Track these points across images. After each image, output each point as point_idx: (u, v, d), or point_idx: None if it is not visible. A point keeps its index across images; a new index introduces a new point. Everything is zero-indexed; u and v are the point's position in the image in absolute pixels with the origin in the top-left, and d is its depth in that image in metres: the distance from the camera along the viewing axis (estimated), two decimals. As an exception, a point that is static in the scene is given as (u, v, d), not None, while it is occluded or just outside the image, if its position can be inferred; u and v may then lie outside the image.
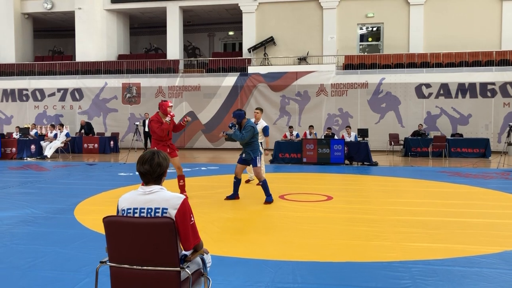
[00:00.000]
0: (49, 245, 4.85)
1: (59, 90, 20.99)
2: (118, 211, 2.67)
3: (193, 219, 2.62)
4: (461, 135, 17.32)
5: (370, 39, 21.50)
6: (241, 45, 22.52)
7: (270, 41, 20.70)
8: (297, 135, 15.06)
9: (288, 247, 4.84)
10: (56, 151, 16.01)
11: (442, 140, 15.84)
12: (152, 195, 2.60)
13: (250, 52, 20.81)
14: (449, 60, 18.78)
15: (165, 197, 2.59)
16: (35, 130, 17.23)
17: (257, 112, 9.20)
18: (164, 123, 7.34)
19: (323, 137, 14.56)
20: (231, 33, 25.51)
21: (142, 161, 2.65)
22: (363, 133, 14.87)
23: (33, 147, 15.77)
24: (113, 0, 22.33)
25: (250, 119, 7.74)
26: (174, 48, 22.03)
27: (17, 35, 23.12)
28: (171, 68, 21.02)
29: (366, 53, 20.71)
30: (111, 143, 18.31)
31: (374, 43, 21.28)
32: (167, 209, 2.54)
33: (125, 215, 2.59)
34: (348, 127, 15.08)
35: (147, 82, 20.35)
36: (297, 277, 3.90)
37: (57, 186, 9.15)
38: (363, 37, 21.39)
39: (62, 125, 16.66)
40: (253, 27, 21.10)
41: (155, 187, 2.63)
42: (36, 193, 8.24)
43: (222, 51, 25.22)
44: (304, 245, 4.93)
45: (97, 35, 22.21)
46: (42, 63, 22.34)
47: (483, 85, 17.82)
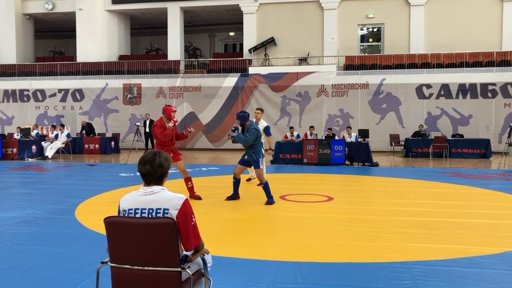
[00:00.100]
0: (50, 246, 4.86)
1: (60, 90, 21.01)
2: (119, 211, 2.68)
3: (194, 219, 2.63)
4: (461, 135, 17.30)
5: (370, 39, 21.51)
6: (241, 45, 22.54)
7: (271, 41, 20.71)
8: (297, 136, 15.06)
9: (288, 248, 4.84)
10: (57, 151, 16.02)
11: (443, 141, 15.82)
12: (153, 195, 2.60)
13: (250, 52, 20.81)
14: (450, 61, 18.78)
15: (166, 198, 2.59)
16: (36, 131, 17.25)
17: (258, 112, 9.21)
18: (167, 129, 7.28)
19: (323, 138, 14.56)
20: (231, 33, 25.53)
21: (144, 161, 2.65)
22: (363, 133, 14.87)
23: (34, 147, 15.78)
24: (114, 1, 22.36)
25: (253, 121, 7.75)
26: (175, 48, 22.05)
27: (18, 35, 23.16)
28: (172, 69, 21.04)
29: (366, 54, 20.70)
30: (112, 143, 18.32)
31: (375, 43, 21.28)
32: (168, 209, 2.55)
33: (126, 215, 2.60)
34: (349, 127, 15.08)
35: (148, 82, 20.36)
36: (297, 277, 3.91)
37: (58, 187, 9.16)
38: (363, 38, 21.40)
39: (63, 126, 16.68)
40: (253, 27, 21.11)
41: (156, 188, 2.63)
42: (37, 194, 8.25)
43: (223, 52, 25.24)
44: (305, 245, 4.93)
45: (98, 35, 22.24)
46: (43, 63, 22.37)
47: (484, 86, 17.81)
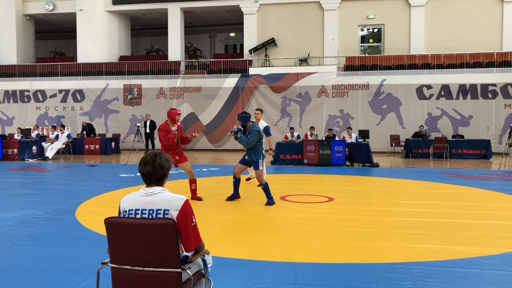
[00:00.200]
0: (50, 246, 4.86)
1: (60, 91, 21.01)
2: (119, 212, 2.68)
3: (194, 220, 2.63)
4: (462, 136, 17.29)
5: (371, 40, 21.51)
6: (242, 46, 22.54)
7: (271, 42, 20.72)
8: (298, 136, 15.06)
9: (289, 248, 4.84)
10: (58, 152, 16.03)
11: (443, 142, 15.82)
12: (154, 196, 2.60)
13: (251, 53, 20.82)
14: (450, 62, 18.78)
15: (166, 198, 2.59)
16: (37, 131, 17.25)
17: (257, 113, 9.23)
18: (171, 133, 7.28)
19: (324, 138, 14.56)
20: (232, 34, 25.54)
21: (144, 162, 2.65)
22: (364, 134, 14.87)
23: (34, 148, 15.79)
24: (115, 2, 22.38)
25: (255, 123, 7.74)
26: (175, 49, 22.06)
27: (18, 36, 23.18)
28: (172, 70, 21.04)
29: (367, 55, 20.70)
30: (112, 144, 18.33)
31: (375, 44, 21.28)
32: (168, 210, 2.55)
33: (126, 216, 2.60)
34: (349, 128, 15.07)
35: (148, 83, 20.37)
36: (298, 278, 3.91)
37: (58, 187, 9.16)
38: (364, 39, 21.40)
39: (63, 126, 16.69)
40: (254, 28, 21.12)
41: (157, 189, 2.64)
42: (38, 194, 8.25)
43: (223, 52, 25.26)
44: (305, 246, 4.94)
45: (99, 36, 22.25)
46: (43, 64, 22.38)
47: (484, 86, 17.80)
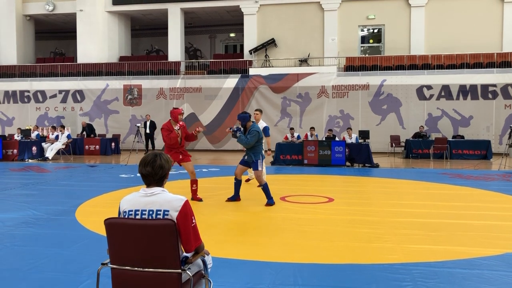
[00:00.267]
0: (50, 247, 4.86)
1: (60, 91, 21.01)
2: (119, 212, 2.68)
3: (194, 221, 2.62)
4: (462, 137, 17.29)
5: (371, 40, 21.51)
6: (242, 46, 22.54)
7: (271, 42, 20.72)
8: (298, 137, 15.06)
9: (289, 249, 4.84)
10: (58, 152, 16.02)
11: (443, 142, 15.81)
12: (154, 197, 2.60)
13: (251, 53, 20.83)
14: (450, 62, 18.78)
15: (166, 199, 2.59)
16: (37, 132, 17.24)
17: (257, 113, 9.26)
18: (173, 132, 7.31)
19: (324, 139, 14.56)
20: (232, 34, 25.54)
21: (144, 163, 2.65)
22: (364, 134, 14.86)
23: (34, 148, 15.79)
24: (115, 2, 22.38)
25: (255, 123, 7.74)
26: (175, 49, 22.06)
27: (18, 36, 23.18)
28: (172, 70, 21.04)
29: (367, 55, 20.70)
30: (112, 144, 18.34)
31: (375, 44, 21.28)
32: (168, 211, 2.55)
33: (126, 217, 2.60)
34: (349, 128, 15.07)
35: (148, 83, 20.37)
36: (298, 279, 3.91)
37: (58, 188, 9.16)
38: (364, 39, 21.40)
39: (63, 127, 16.69)
40: (254, 28, 21.13)
41: (156, 189, 2.63)
42: (37, 195, 8.25)
43: (223, 53, 25.26)
44: (305, 247, 4.93)
45: (99, 36, 22.26)
46: (43, 64, 22.39)
47: (485, 87, 17.80)
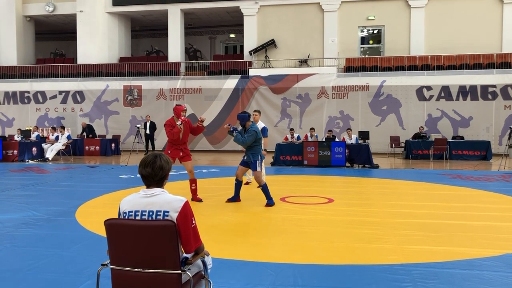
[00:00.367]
0: (50, 248, 4.86)
1: (60, 92, 21.02)
2: (119, 213, 2.68)
3: (194, 222, 2.63)
4: (462, 137, 17.29)
5: (371, 41, 21.52)
6: (242, 47, 22.55)
7: (271, 43, 20.73)
8: (298, 138, 15.06)
9: (289, 250, 4.84)
10: (58, 153, 16.03)
11: (443, 143, 15.82)
12: (154, 197, 2.61)
13: (251, 54, 20.83)
14: (450, 63, 18.79)
15: (166, 200, 2.59)
16: (37, 133, 17.24)
17: (255, 114, 9.31)
18: (175, 127, 7.37)
19: (324, 140, 14.56)
20: (232, 35, 25.55)
21: (144, 164, 2.66)
22: (364, 135, 14.87)
23: (34, 149, 15.79)
24: (115, 3, 22.40)
25: (254, 123, 7.77)
26: (176, 50, 22.07)
27: (19, 37, 23.19)
28: (172, 71, 21.05)
29: (367, 56, 20.72)
30: (113, 145, 18.34)
31: (375, 45, 21.29)
32: (168, 212, 2.55)
33: (126, 217, 2.60)
34: (349, 129, 15.08)
35: (148, 84, 20.38)
36: (297, 279, 3.91)
37: (58, 189, 9.16)
38: (364, 40, 21.41)
39: (63, 128, 16.69)
40: (254, 29, 21.14)
41: (156, 190, 2.64)
42: (38, 196, 8.25)
43: (223, 54, 25.26)
44: (305, 247, 4.93)
45: (99, 37, 22.27)
46: (43, 65, 22.40)
47: (484, 88, 17.81)
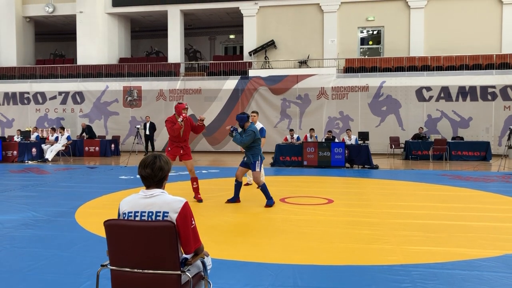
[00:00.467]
0: (50, 248, 4.86)
1: (60, 93, 21.03)
2: (119, 214, 2.68)
3: (194, 222, 2.63)
4: (461, 138, 17.30)
5: (370, 42, 21.53)
6: (242, 48, 22.57)
7: (271, 44, 20.74)
8: (297, 138, 15.07)
9: (288, 250, 4.84)
10: (57, 154, 16.03)
11: (443, 143, 15.82)
12: (153, 198, 2.61)
13: (251, 55, 20.84)
14: (450, 64, 18.81)
15: (166, 201, 2.59)
16: (36, 133, 17.24)
17: (254, 115, 9.32)
18: (176, 124, 7.45)
19: (323, 140, 14.57)
20: (232, 36, 25.57)
21: (144, 164, 2.66)
22: (363, 136, 14.88)
23: (34, 150, 15.78)
24: (115, 4, 22.41)
25: (253, 123, 7.78)
26: (175, 51, 22.08)
27: (18, 38, 23.20)
28: (172, 72, 21.06)
29: (366, 57, 20.73)
30: (112, 146, 18.34)
31: (375, 46, 21.31)
32: (168, 212, 2.55)
33: (126, 218, 2.60)
34: (349, 130, 15.09)
35: (148, 85, 20.38)
36: (297, 280, 3.91)
37: (58, 189, 9.15)
38: (363, 41, 21.42)
39: (63, 128, 16.69)
40: (254, 30, 21.15)
41: (156, 191, 2.64)
42: (37, 196, 8.25)
43: (223, 55, 25.28)
44: (305, 248, 4.93)
45: (99, 38, 22.28)
46: (43, 66, 22.40)
47: (484, 88, 17.83)
